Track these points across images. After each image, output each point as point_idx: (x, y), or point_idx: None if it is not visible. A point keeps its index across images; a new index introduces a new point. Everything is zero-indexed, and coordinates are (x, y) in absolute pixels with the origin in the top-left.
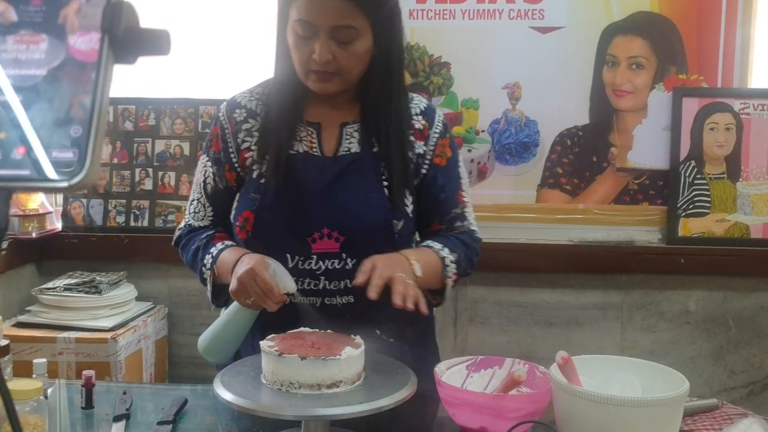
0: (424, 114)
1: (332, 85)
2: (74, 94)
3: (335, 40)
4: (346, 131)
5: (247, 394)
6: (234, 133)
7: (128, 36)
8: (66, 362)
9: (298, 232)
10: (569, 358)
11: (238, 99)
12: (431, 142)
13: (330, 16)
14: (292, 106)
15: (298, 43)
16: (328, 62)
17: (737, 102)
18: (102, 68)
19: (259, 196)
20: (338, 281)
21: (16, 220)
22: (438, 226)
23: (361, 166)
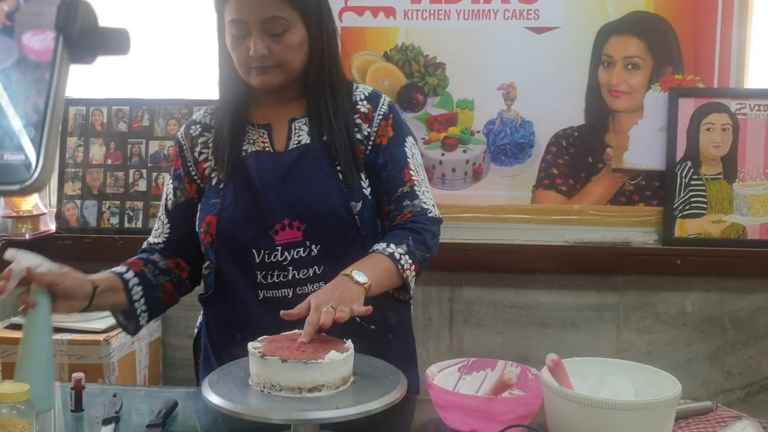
0: (368, 99)
1: (273, 77)
2: (28, 95)
3: (267, 33)
4: (294, 126)
5: (232, 396)
6: (191, 147)
7: (84, 35)
8: (59, 364)
9: (260, 226)
10: (560, 360)
11: (195, 117)
12: (375, 124)
13: (258, 11)
14: (239, 106)
15: (235, 43)
16: (264, 56)
17: (733, 102)
18: (56, 68)
19: (218, 200)
20: (306, 269)
21: (10, 222)
22: (387, 207)
23: (313, 156)
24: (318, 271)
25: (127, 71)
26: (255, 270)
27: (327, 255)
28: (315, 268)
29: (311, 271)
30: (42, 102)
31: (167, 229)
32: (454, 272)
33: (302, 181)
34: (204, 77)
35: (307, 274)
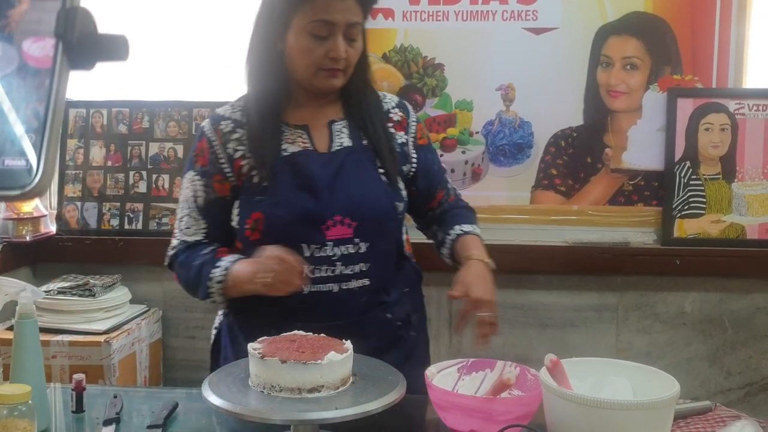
0: (399, 107)
1: (338, 80)
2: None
3: (347, 37)
4: (334, 128)
5: (232, 397)
6: (223, 144)
7: (83, 42)
8: (59, 365)
9: (312, 222)
10: (558, 361)
11: (221, 112)
12: (411, 130)
13: (347, 14)
14: (274, 109)
15: (313, 43)
16: (343, 59)
17: (732, 102)
18: (56, 75)
19: (264, 197)
20: (354, 265)
21: (11, 224)
22: (442, 193)
23: (357, 157)
24: (364, 268)
25: (127, 73)
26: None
27: (373, 252)
28: (361, 264)
29: (357, 268)
30: (42, 108)
31: (203, 225)
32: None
33: (353, 181)
34: (203, 79)
35: (354, 270)
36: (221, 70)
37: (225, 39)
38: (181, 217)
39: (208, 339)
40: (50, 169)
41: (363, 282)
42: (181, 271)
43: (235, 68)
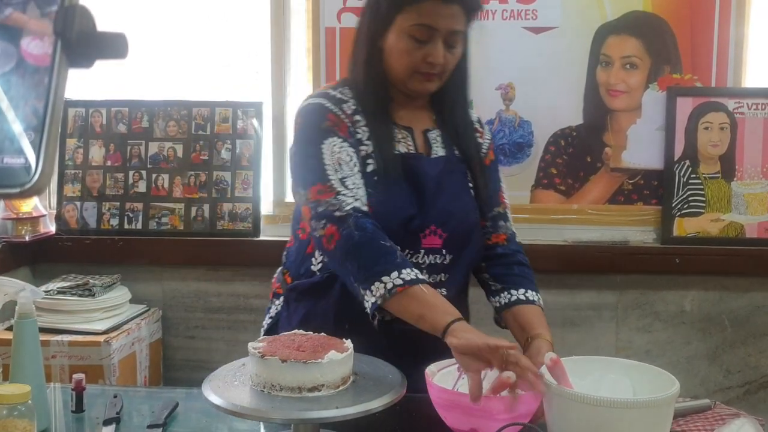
0: (478, 122)
1: (433, 84)
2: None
3: (447, 44)
4: (430, 136)
5: (232, 396)
6: (352, 123)
7: (82, 40)
8: (59, 365)
9: (413, 227)
10: (558, 359)
11: (336, 95)
12: (484, 147)
13: (449, 21)
14: (386, 108)
15: (411, 47)
16: (439, 64)
17: (731, 101)
18: (55, 73)
19: (372, 191)
20: (437, 275)
21: (10, 224)
22: (483, 223)
23: (452, 168)
24: (443, 279)
25: (126, 73)
26: None
27: (455, 265)
28: (443, 275)
29: (439, 278)
30: (41, 106)
31: (363, 194)
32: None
33: (450, 192)
34: (202, 79)
35: (436, 280)
36: (221, 69)
37: (224, 38)
38: (344, 177)
39: (208, 339)
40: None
41: (441, 291)
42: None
43: (234, 68)
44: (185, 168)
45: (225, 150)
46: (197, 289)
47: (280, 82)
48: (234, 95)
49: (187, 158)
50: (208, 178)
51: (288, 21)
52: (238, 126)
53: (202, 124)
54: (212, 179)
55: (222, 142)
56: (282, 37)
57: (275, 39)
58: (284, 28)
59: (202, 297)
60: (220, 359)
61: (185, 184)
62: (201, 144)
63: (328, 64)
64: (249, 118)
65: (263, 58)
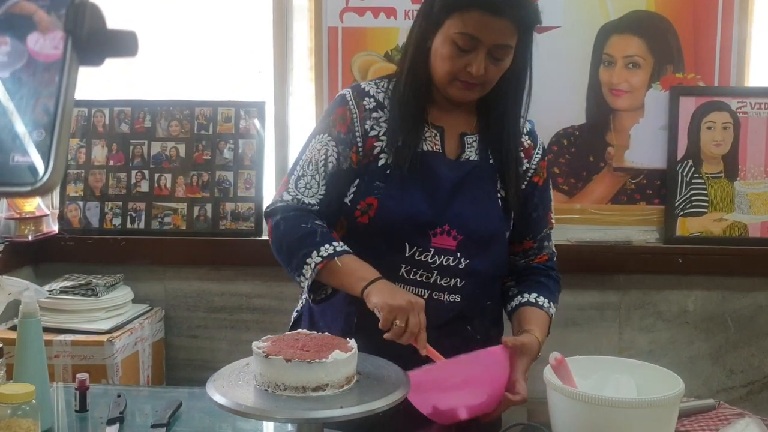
0: (529, 134)
1: (473, 93)
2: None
3: (491, 56)
4: (466, 140)
5: (237, 396)
6: (362, 118)
7: (93, 37)
8: (62, 365)
9: (422, 224)
10: (563, 359)
11: (366, 88)
12: (534, 161)
13: (495, 35)
14: (420, 106)
15: (454, 54)
16: (480, 75)
17: (734, 101)
18: (66, 70)
19: (383, 185)
20: (449, 278)
21: (13, 223)
22: (531, 244)
23: (480, 174)
24: (459, 284)
25: (129, 73)
26: (401, 262)
27: (472, 272)
28: (457, 280)
29: (453, 282)
30: (52, 104)
31: (322, 191)
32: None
33: (470, 196)
34: (205, 78)
35: (449, 284)
36: (223, 69)
37: (227, 38)
38: (302, 176)
39: (210, 338)
40: (60, 165)
41: (454, 297)
42: (284, 225)
43: (237, 67)
44: (188, 168)
45: (227, 150)
46: (200, 289)
47: (283, 82)
48: (236, 95)
49: (190, 158)
50: (210, 178)
51: (290, 20)
52: (240, 126)
53: (205, 123)
54: (215, 179)
55: (224, 141)
56: (284, 37)
57: (277, 39)
58: (286, 28)
59: (204, 296)
60: (222, 359)
61: (188, 184)
62: (203, 144)
63: (331, 64)
64: (251, 118)
65: (266, 57)
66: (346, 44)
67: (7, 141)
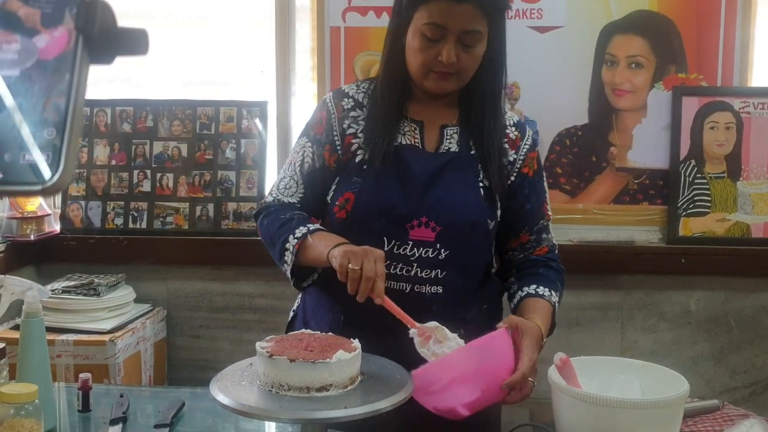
0: (516, 126)
1: (450, 83)
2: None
3: (461, 43)
4: (446, 132)
5: (240, 396)
6: (340, 118)
7: (104, 36)
8: (64, 365)
9: (398, 217)
10: (568, 359)
11: (346, 90)
12: (521, 152)
13: (462, 21)
14: (398, 101)
15: (424, 45)
16: (452, 63)
17: (737, 101)
18: (76, 69)
19: (360, 180)
20: (430, 270)
21: (15, 223)
22: (527, 237)
23: (460, 165)
24: (440, 276)
25: (131, 72)
26: None
27: (453, 262)
28: (438, 271)
29: (434, 273)
30: (62, 103)
31: (301, 190)
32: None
33: (448, 186)
34: (207, 78)
35: (430, 275)
36: (225, 69)
37: (229, 38)
38: (283, 178)
39: (212, 338)
40: (71, 164)
41: (436, 289)
42: (266, 220)
43: (239, 67)
44: (190, 167)
45: (229, 149)
46: (202, 289)
47: (285, 82)
48: (238, 95)
49: (192, 158)
50: (212, 178)
51: (293, 20)
52: (242, 125)
53: (207, 123)
54: (217, 179)
55: (226, 141)
56: (287, 37)
57: (280, 38)
58: (289, 28)
59: (206, 296)
60: (224, 359)
61: (190, 184)
62: (205, 143)
63: (333, 64)
64: (253, 118)
65: (268, 57)
66: (349, 44)
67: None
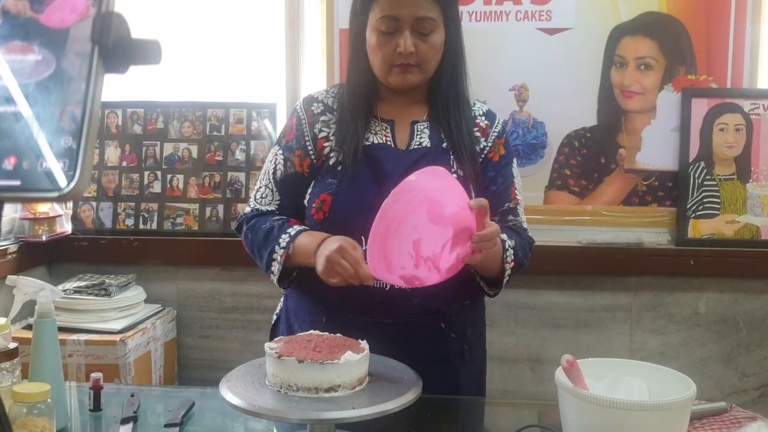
0: (485, 115)
1: (413, 76)
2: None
3: (417, 32)
4: (417, 128)
5: (248, 396)
6: (311, 123)
7: (119, 46)
8: (75, 364)
9: (374, 216)
10: (574, 361)
11: (315, 95)
12: (490, 139)
13: (413, 8)
14: (366, 101)
15: (381, 40)
16: (411, 54)
17: (747, 102)
18: (92, 79)
19: (336, 181)
20: None
21: (27, 223)
22: (492, 219)
23: (433, 159)
24: None
25: (141, 74)
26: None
27: None
28: None
29: None
30: (79, 112)
31: (277, 197)
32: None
33: None
34: (217, 80)
35: None
36: (235, 71)
37: (239, 40)
38: (259, 188)
39: (222, 339)
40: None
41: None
42: (250, 233)
43: (249, 69)
44: (200, 169)
45: (239, 151)
46: (211, 289)
47: (295, 84)
48: (248, 96)
49: (202, 159)
50: (222, 179)
51: (302, 22)
52: (252, 127)
53: (217, 125)
54: (226, 180)
55: (236, 143)
56: (296, 39)
57: (289, 40)
58: (298, 30)
59: (216, 297)
60: (234, 359)
61: (200, 185)
62: (215, 145)
63: (342, 66)
64: (263, 119)
65: (278, 59)
66: None
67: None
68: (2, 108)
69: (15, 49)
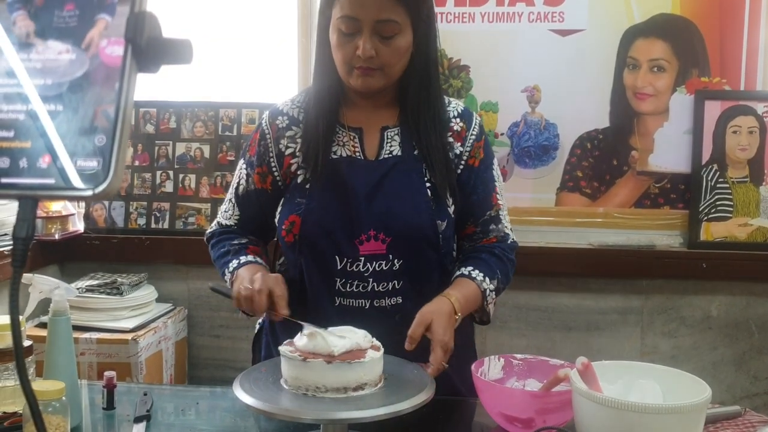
0: (461, 117)
1: (374, 80)
2: (98, 104)
3: (378, 35)
4: (387, 135)
5: (269, 398)
6: (276, 138)
7: (151, 46)
8: (87, 363)
9: (346, 234)
10: (590, 363)
11: (281, 107)
12: (468, 143)
13: (373, 11)
14: (331, 108)
15: (342, 41)
16: (371, 57)
17: (760, 105)
18: (125, 78)
19: (304, 200)
20: (386, 282)
21: (40, 222)
22: (473, 229)
23: (403, 168)
24: (397, 286)
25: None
26: (335, 276)
27: (408, 270)
28: (395, 282)
29: (390, 285)
30: (112, 110)
31: (237, 212)
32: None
33: (392, 194)
34: (230, 80)
35: (386, 288)
36: (248, 70)
37: (251, 40)
38: (226, 200)
39: (232, 338)
40: (121, 169)
41: (395, 300)
42: (212, 251)
43: (261, 69)
44: (212, 168)
45: None
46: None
47: (307, 83)
48: (260, 97)
49: (214, 159)
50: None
51: (314, 23)
52: None
53: (229, 125)
54: None
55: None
56: (309, 39)
57: (302, 41)
58: (311, 30)
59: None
60: (244, 358)
61: (212, 185)
62: (227, 145)
63: None
64: None
65: (290, 59)
66: None
67: (71, 146)
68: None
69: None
